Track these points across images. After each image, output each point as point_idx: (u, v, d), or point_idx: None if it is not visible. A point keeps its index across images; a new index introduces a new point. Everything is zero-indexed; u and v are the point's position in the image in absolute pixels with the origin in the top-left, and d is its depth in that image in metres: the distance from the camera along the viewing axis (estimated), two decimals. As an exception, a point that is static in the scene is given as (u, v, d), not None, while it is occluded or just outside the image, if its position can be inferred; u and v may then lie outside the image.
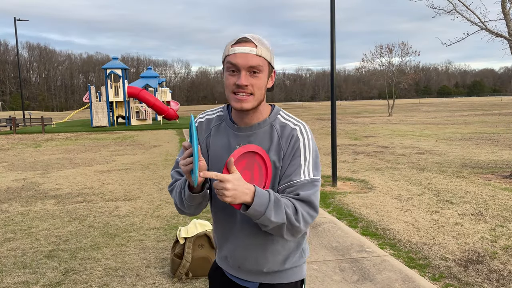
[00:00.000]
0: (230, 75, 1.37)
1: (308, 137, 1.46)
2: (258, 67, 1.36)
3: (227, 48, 1.39)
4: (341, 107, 65.69)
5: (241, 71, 1.35)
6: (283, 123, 1.48)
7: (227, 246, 1.53)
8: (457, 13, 8.85)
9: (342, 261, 3.95)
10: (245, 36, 1.38)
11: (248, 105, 1.37)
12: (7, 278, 3.77)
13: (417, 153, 11.62)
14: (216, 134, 1.51)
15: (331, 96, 7.57)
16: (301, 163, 1.42)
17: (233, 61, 1.35)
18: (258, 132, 1.45)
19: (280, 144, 1.43)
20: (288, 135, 1.44)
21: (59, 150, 14.70)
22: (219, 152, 1.48)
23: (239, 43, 1.37)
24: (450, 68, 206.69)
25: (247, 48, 1.36)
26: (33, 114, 51.91)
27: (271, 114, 1.50)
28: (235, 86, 1.36)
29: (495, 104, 55.89)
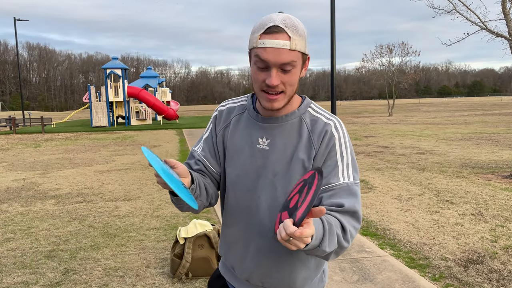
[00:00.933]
0: (259, 71, 1.20)
1: (344, 134, 1.28)
2: (291, 63, 1.17)
3: (255, 38, 1.18)
4: (341, 107, 65.69)
5: (271, 69, 1.17)
6: (314, 117, 1.31)
7: (236, 255, 1.36)
8: (457, 13, 8.86)
9: (342, 261, 3.95)
10: (276, 25, 1.16)
11: (280, 104, 1.22)
12: (7, 278, 3.77)
13: (417, 153, 11.62)
14: (237, 125, 1.36)
15: (331, 96, 7.57)
16: (338, 163, 1.25)
17: (263, 56, 1.16)
18: (285, 125, 1.29)
19: (311, 141, 1.27)
20: (321, 131, 1.27)
21: (59, 150, 14.69)
22: (238, 145, 1.33)
23: (270, 33, 1.16)
24: (450, 68, 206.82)
25: (279, 41, 1.15)
26: (33, 114, 51.90)
27: (301, 105, 1.32)
28: (264, 85, 1.20)
29: (495, 104, 55.88)
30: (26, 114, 39.17)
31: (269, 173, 1.28)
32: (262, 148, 1.29)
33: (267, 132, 1.29)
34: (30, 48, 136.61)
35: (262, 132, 1.30)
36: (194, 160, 1.42)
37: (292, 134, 1.28)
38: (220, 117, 1.41)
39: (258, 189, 1.29)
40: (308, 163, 1.26)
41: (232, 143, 1.34)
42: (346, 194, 1.20)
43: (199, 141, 1.44)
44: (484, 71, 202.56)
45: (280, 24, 1.16)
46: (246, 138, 1.32)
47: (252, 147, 1.30)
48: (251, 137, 1.31)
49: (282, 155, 1.27)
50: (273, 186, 1.28)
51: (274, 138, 1.29)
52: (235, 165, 1.33)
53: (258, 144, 1.30)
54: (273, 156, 1.28)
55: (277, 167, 1.27)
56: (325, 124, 1.28)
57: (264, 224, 1.29)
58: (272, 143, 1.29)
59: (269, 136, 1.29)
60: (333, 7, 7.28)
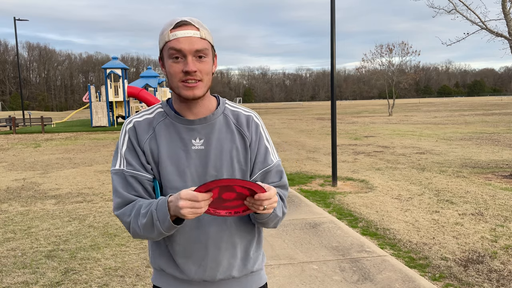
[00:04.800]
0: (174, 63, 1.24)
1: (262, 122, 1.45)
2: (204, 50, 1.25)
3: (166, 34, 1.25)
4: (341, 107, 65.68)
5: (187, 57, 1.23)
6: (234, 112, 1.41)
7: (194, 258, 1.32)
8: (458, 13, 8.86)
9: (342, 261, 3.95)
10: (183, 19, 1.26)
11: (200, 92, 1.26)
12: (7, 278, 3.77)
13: (417, 153, 11.62)
14: (162, 133, 1.33)
15: (331, 96, 7.56)
16: (267, 146, 1.41)
17: (177, 46, 1.23)
18: (214, 123, 1.34)
19: (241, 132, 1.37)
20: (247, 122, 1.39)
21: (59, 150, 14.69)
22: (172, 151, 1.31)
23: (179, 27, 1.24)
24: (450, 68, 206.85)
25: (190, 31, 1.24)
26: (33, 114, 51.91)
27: (219, 104, 1.40)
28: (183, 74, 1.24)
29: (495, 104, 55.88)
30: (26, 114, 39.18)
31: (211, 169, 1.31)
32: (197, 149, 1.31)
33: (199, 132, 1.32)
34: (30, 48, 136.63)
35: (194, 133, 1.32)
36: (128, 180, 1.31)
37: (222, 130, 1.35)
38: (139, 128, 1.34)
39: None
40: (245, 152, 1.36)
41: (164, 151, 1.31)
42: (277, 171, 1.41)
43: (117, 159, 1.34)
44: (484, 71, 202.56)
45: (187, 19, 1.26)
46: (177, 142, 1.31)
47: (187, 150, 1.31)
48: (183, 141, 1.31)
49: (220, 150, 1.32)
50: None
51: (207, 136, 1.32)
52: (173, 172, 1.30)
53: (192, 145, 1.31)
54: (211, 153, 1.31)
55: (217, 162, 1.31)
56: (247, 116, 1.41)
57: (217, 218, 1.32)
58: (207, 142, 1.32)
59: (201, 136, 1.32)
60: (333, 7, 7.28)
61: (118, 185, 1.31)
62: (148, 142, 1.32)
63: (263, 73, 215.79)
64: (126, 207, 1.29)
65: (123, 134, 1.36)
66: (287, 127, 24.44)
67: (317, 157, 11.49)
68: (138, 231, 1.25)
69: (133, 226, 1.26)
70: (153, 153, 1.31)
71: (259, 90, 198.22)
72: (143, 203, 1.26)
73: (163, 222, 1.18)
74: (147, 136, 1.33)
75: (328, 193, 7.02)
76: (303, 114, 43.89)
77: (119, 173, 1.32)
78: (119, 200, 1.29)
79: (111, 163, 1.32)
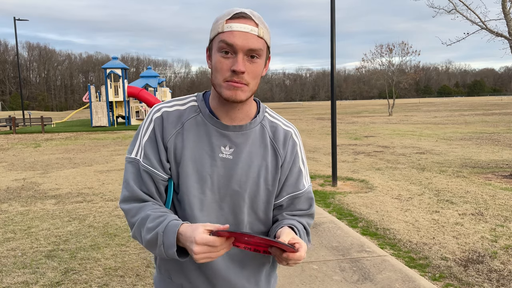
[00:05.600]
0: (223, 58, 1.10)
1: (301, 141, 1.32)
2: (258, 51, 1.10)
3: (221, 24, 1.10)
4: (341, 107, 65.69)
5: (238, 54, 1.08)
6: (273, 123, 1.27)
7: (204, 276, 1.22)
8: (458, 13, 8.86)
9: (342, 261, 3.95)
10: (243, 11, 1.11)
11: (243, 96, 1.12)
12: (7, 278, 3.77)
13: (417, 152, 11.62)
14: (191, 131, 1.19)
15: (331, 95, 7.56)
16: (302, 169, 1.28)
17: (230, 40, 1.08)
18: (249, 133, 1.20)
19: (275, 149, 1.23)
20: (284, 139, 1.25)
21: (59, 150, 14.69)
22: (198, 156, 1.18)
23: (237, 18, 1.10)
24: (450, 68, 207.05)
25: (247, 26, 1.09)
26: (33, 114, 51.92)
27: (259, 111, 1.25)
28: (230, 73, 1.09)
29: (495, 103, 55.89)
30: (26, 114, 39.19)
31: (235, 184, 1.18)
32: (225, 157, 1.18)
33: (231, 140, 1.18)
34: (30, 48, 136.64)
35: (225, 140, 1.18)
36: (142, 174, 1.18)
37: (256, 143, 1.21)
38: (166, 120, 1.19)
39: (221, 201, 1.20)
40: (275, 172, 1.22)
41: (188, 152, 1.17)
42: (307, 198, 1.29)
43: (134, 145, 1.21)
44: (484, 70, 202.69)
45: (247, 11, 1.12)
46: (205, 146, 1.18)
47: (213, 156, 1.17)
48: (211, 145, 1.18)
49: (248, 164, 1.19)
50: (239, 197, 1.19)
51: (239, 147, 1.19)
52: (194, 177, 1.17)
53: (220, 153, 1.18)
54: (238, 166, 1.18)
55: (243, 177, 1.19)
56: (286, 132, 1.27)
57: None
58: (237, 152, 1.18)
59: (232, 144, 1.18)
60: (333, 7, 7.28)
61: (130, 177, 1.18)
62: (174, 138, 1.18)
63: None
64: (133, 205, 1.17)
65: (147, 122, 1.21)
66: (287, 127, 24.40)
67: (317, 157, 11.49)
68: (140, 242, 1.15)
69: (135, 233, 1.16)
70: (176, 151, 1.18)
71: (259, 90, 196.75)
72: (151, 213, 1.13)
73: (167, 249, 1.07)
74: (175, 131, 1.18)
75: (328, 193, 7.02)
76: (303, 114, 43.88)
77: (134, 164, 1.19)
78: (128, 194, 1.18)
79: (128, 148, 1.23)
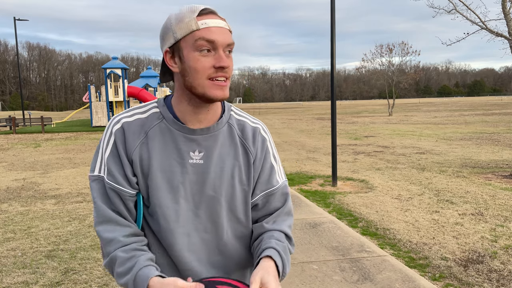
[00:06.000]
0: (203, 56, 1.04)
1: (270, 136, 1.28)
2: (232, 45, 1.09)
3: (191, 21, 1.04)
4: (341, 107, 65.69)
5: (218, 50, 1.05)
6: (240, 121, 1.22)
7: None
8: (458, 13, 8.86)
9: (342, 261, 3.95)
10: (208, 7, 1.08)
11: (227, 93, 1.09)
12: (7, 278, 3.77)
13: (417, 153, 11.62)
14: (156, 139, 1.12)
15: (331, 96, 7.56)
16: (274, 164, 1.24)
17: (210, 37, 1.04)
18: (217, 134, 1.15)
19: (246, 147, 1.19)
20: (253, 135, 1.21)
21: (59, 150, 14.69)
22: (167, 164, 1.12)
23: (206, 14, 1.06)
24: (450, 68, 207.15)
25: (220, 21, 1.07)
26: (33, 114, 51.92)
27: (225, 110, 1.20)
28: (213, 70, 1.05)
29: (495, 103, 55.89)
30: (26, 114, 39.19)
31: (209, 189, 1.14)
32: (195, 163, 1.13)
33: (199, 144, 1.13)
34: (30, 48, 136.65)
35: (193, 145, 1.13)
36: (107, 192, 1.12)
37: (225, 143, 1.16)
38: (128, 131, 1.12)
39: (197, 209, 1.15)
40: (248, 171, 1.18)
41: (156, 162, 1.11)
42: (282, 194, 1.24)
43: (96, 161, 1.14)
44: (484, 70, 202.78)
45: (210, 7, 1.09)
46: (173, 153, 1.12)
47: (182, 163, 1.12)
48: (179, 152, 1.12)
49: (221, 167, 1.15)
50: (216, 202, 1.15)
51: (208, 150, 1.14)
52: (165, 187, 1.12)
53: (190, 158, 1.12)
54: (210, 170, 1.14)
55: (216, 181, 1.14)
56: (254, 128, 1.23)
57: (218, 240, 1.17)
58: (207, 155, 1.13)
59: (201, 148, 1.13)
60: (333, 7, 7.28)
61: (97, 196, 1.12)
62: (138, 149, 1.12)
63: (263, 73, 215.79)
64: (104, 227, 1.11)
65: (107, 135, 1.14)
66: (287, 127, 24.44)
67: (317, 157, 11.49)
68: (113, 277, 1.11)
69: (106, 266, 1.12)
70: (142, 163, 1.12)
71: (259, 90, 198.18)
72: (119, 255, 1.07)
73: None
74: (138, 141, 1.12)
75: (328, 193, 7.02)
76: (303, 114, 43.89)
77: (99, 181, 1.13)
78: (98, 216, 1.12)
79: (90, 164, 1.16)
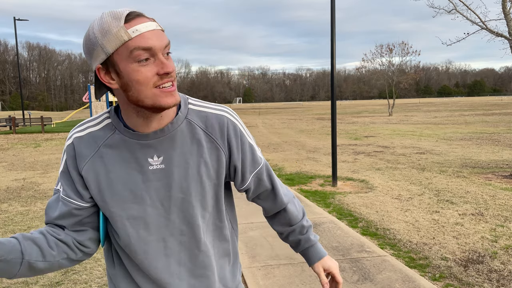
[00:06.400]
0: (142, 66, 0.95)
1: (239, 118, 1.18)
2: (169, 45, 1.00)
3: (120, 31, 0.94)
4: (341, 107, 65.68)
5: (157, 55, 0.96)
6: (201, 113, 1.12)
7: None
8: (458, 13, 8.85)
9: (342, 261, 3.95)
10: (132, 10, 0.97)
11: (178, 97, 1.02)
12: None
13: (417, 153, 11.62)
14: (110, 152, 1.07)
15: (331, 96, 7.56)
16: (252, 144, 1.19)
17: (146, 44, 0.94)
18: (174, 134, 1.08)
19: (213, 140, 1.11)
20: (220, 125, 1.12)
21: (58, 150, 14.69)
22: (127, 175, 1.07)
23: (133, 19, 0.96)
24: (451, 68, 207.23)
25: (150, 23, 0.97)
26: (33, 113, 51.92)
27: (181, 106, 1.11)
28: (158, 77, 0.97)
29: (495, 104, 55.88)
30: (26, 113, 39.19)
31: (176, 191, 1.09)
32: (156, 169, 1.07)
33: (156, 148, 1.07)
34: (30, 47, 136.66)
35: (150, 151, 1.06)
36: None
37: (185, 142, 1.08)
38: (79, 147, 1.08)
39: (168, 214, 1.10)
40: (218, 165, 1.12)
41: (114, 174, 1.07)
42: (268, 171, 1.24)
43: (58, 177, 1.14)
44: (484, 71, 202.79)
45: (132, 9, 0.98)
46: (131, 163, 1.07)
47: (142, 172, 1.07)
48: (137, 160, 1.06)
49: (184, 168, 1.09)
50: (186, 203, 1.11)
51: (167, 152, 1.07)
52: (129, 199, 1.07)
53: (150, 165, 1.07)
54: (174, 173, 1.08)
55: (183, 182, 1.09)
56: (220, 117, 1.12)
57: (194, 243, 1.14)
58: (167, 158, 1.07)
59: (159, 153, 1.07)
60: (333, 7, 7.28)
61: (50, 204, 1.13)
62: (90, 165, 1.07)
63: (263, 73, 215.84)
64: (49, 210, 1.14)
65: (63, 151, 1.12)
66: (287, 127, 24.44)
67: (317, 157, 11.49)
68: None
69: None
70: (98, 178, 1.07)
71: (259, 90, 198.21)
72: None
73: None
74: (89, 157, 1.07)
75: (328, 193, 7.01)
76: (303, 114, 43.88)
77: (57, 195, 1.12)
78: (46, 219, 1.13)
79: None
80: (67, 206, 1.09)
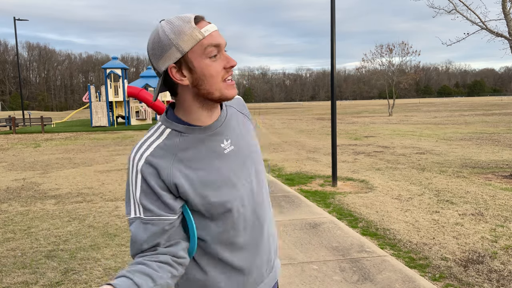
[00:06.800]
0: (214, 61, 1.09)
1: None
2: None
3: (194, 32, 1.07)
4: (341, 107, 65.68)
5: (222, 52, 1.12)
6: None
7: (256, 262, 1.25)
8: (458, 13, 8.85)
9: (342, 261, 3.95)
10: (197, 14, 1.12)
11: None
12: (7, 278, 3.76)
13: (417, 153, 11.61)
14: (187, 154, 1.13)
15: (331, 96, 7.56)
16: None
17: (216, 41, 1.09)
18: (228, 118, 1.24)
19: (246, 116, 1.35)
20: (240, 102, 1.36)
21: (58, 150, 14.69)
22: (212, 166, 1.15)
23: (200, 21, 1.10)
24: (451, 68, 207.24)
25: (214, 25, 1.12)
26: (33, 114, 51.91)
27: None
28: (225, 71, 1.11)
29: (495, 104, 55.88)
30: (26, 114, 39.18)
31: (250, 165, 1.23)
32: (230, 151, 1.19)
33: (222, 134, 1.19)
34: (30, 48, 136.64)
35: (219, 138, 1.18)
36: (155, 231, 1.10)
37: (235, 121, 1.26)
38: (156, 162, 1.10)
39: (252, 186, 1.23)
40: (253, 133, 1.35)
41: (200, 172, 1.13)
42: None
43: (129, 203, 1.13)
44: (484, 71, 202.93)
45: (198, 14, 1.13)
46: (209, 155, 1.15)
47: (221, 157, 1.17)
48: (213, 150, 1.16)
49: (246, 141, 1.26)
50: (258, 172, 1.28)
51: (230, 134, 1.22)
52: (223, 186, 1.15)
53: (224, 150, 1.18)
54: (242, 148, 1.23)
55: (251, 154, 1.25)
56: (237, 98, 1.38)
57: (266, 210, 1.30)
58: (233, 139, 1.21)
59: (226, 137, 1.20)
60: (333, 7, 7.28)
61: (136, 233, 1.11)
62: (176, 172, 1.11)
63: (263, 73, 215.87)
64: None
65: (133, 174, 1.11)
66: (287, 127, 24.44)
67: (317, 157, 11.49)
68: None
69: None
70: (189, 178, 1.12)
71: (259, 90, 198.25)
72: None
73: None
74: (170, 166, 1.11)
75: (328, 193, 7.01)
76: (303, 114, 43.88)
77: (137, 222, 1.10)
78: (133, 250, 1.13)
79: (125, 207, 1.16)
80: (157, 225, 1.10)
